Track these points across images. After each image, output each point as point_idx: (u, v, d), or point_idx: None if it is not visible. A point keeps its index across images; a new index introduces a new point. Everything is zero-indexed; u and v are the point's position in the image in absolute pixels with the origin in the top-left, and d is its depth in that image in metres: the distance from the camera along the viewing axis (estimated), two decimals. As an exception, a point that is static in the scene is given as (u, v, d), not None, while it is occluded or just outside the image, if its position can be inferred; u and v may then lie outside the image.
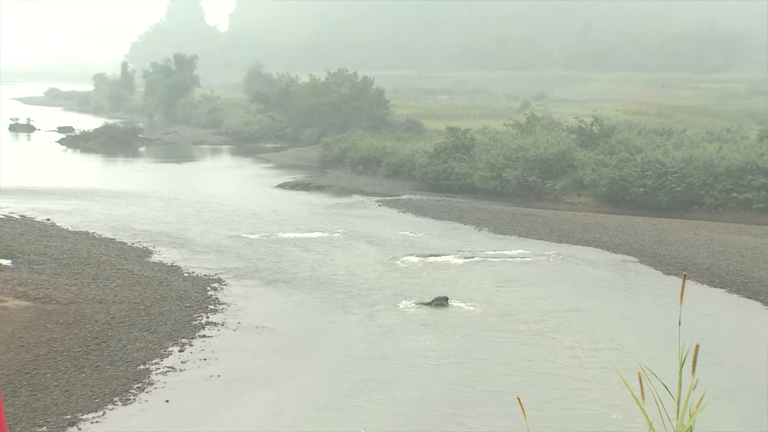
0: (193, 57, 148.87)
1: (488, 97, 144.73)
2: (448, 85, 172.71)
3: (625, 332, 32.80)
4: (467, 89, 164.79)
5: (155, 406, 25.55)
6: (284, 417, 24.58)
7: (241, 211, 59.14)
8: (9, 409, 24.07)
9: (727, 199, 60.93)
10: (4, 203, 58.34)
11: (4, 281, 36.33)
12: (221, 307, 35.97)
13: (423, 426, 24.10)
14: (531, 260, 46.17)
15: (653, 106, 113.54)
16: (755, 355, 30.09)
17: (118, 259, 43.57)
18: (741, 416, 23.17)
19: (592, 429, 22.71)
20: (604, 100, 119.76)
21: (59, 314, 32.97)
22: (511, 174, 68.53)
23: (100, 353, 29.41)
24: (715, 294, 38.81)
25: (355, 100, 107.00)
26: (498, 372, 28.59)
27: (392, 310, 36.26)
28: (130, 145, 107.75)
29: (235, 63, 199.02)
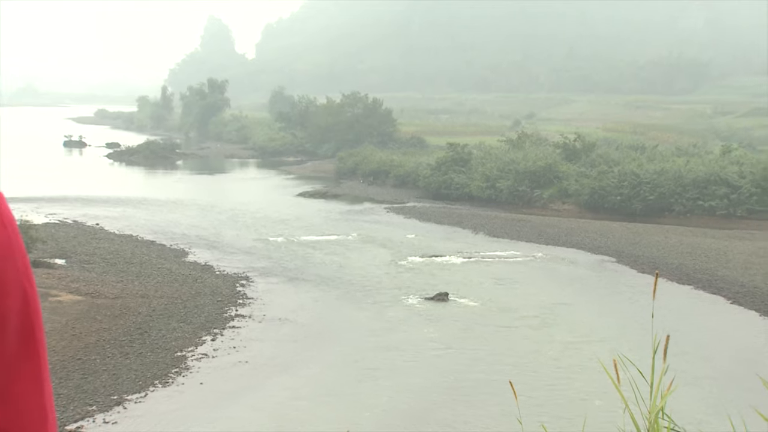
0: (224, 81, 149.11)
1: (483, 117, 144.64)
2: (448, 105, 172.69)
3: (604, 324, 32.82)
4: (465, 109, 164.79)
5: (191, 388, 25.66)
6: (300, 401, 24.64)
7: (267, 217, 59.16)
8: (63, 390, 24.18)
9: (694, 207, 61.05)
10: (60, 210, 58.57)
11: (59, 278, 36.48)
12: (248, 302, 36.05)
13: (422, 409, 24.12)
14: (521, 260, 46.18)
15: (629, 125, 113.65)
16: (719, 345, 30.09)
17: (158, 259, 43.68)
18: (706, 399, 23.18)
19: (577, 410, 22.70)
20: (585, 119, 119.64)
21: (107, 307, 33.10)
22: (503, 184, 68.56)
23: (143, 342, 29.55)
24: (683, 290, 38.80)
25: (366, 119, 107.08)
26: (492, 360, 28.61)
27: (399, 305, 36.30)
28: (168, 159, 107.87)
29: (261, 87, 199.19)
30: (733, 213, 59.94)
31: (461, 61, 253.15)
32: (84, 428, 22.38)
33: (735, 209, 60.10)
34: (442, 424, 23.09)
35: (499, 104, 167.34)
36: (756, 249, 48.66)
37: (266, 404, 24.49)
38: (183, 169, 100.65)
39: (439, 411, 23.89)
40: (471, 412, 23.71)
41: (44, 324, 1.23)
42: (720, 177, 61.54)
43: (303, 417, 23.46)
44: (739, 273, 42.55)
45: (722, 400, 23.18)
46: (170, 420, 23.24)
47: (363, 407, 23.41)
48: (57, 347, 27.21)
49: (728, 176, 61.45)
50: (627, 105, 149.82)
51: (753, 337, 32.09)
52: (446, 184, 72.36)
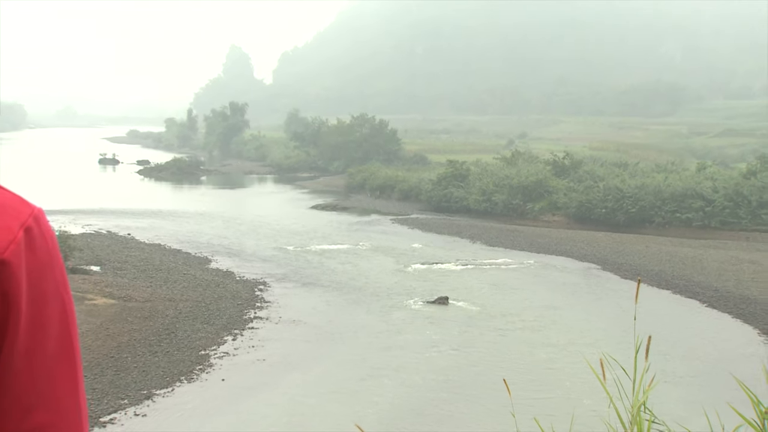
0: (244, 104, 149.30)
1: (480, 136, 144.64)
2: (448, 126, 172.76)
3: (591, 326, 32.77)
4: (463, 129, 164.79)
5: (213, 384, 25.70)
6: (311, 397, 24.63)
7: (283, 228, 59.20)
8: (98, 385, 24.24)
9: (672, 219, 61.06)
10: (95, 221, 58.67)
11: (94, 283, 36.54)
12: (266, 305, 36.06)
13: (423, 405, 24.10)
14: (515, 267, 46.14)
15: (613, 144, 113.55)
16: (695, 345, 30.05)
17: (184, 266, 43.72)
18: (684, 395, 23.14)
19: (566, 405, 22.66)
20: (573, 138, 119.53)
21: (137, 310, 33.14)
22: (499, 198, 68.59)
23: (170, 341, 29.59)
24: (663, 294, 38.78)
25: (373, 138, 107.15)
26: (488, 359, 28.60)
27: (403, 308, 36.29)
28: (194, 175, 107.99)
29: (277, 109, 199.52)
30: (708, 224, 59.96)
31: (460, 86, 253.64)
32: (117, 420, 22.42)
33: (709, 221, 60.13)
34: (442, 418, 23.07)
35: (494, 125, 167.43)
36: (728, 257, 48.62)
37: (281, 399, 24.59)
38: (207, 184, 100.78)
39: (439, 406, 23.87)
40: (468, 407, 23.70)
41: (81, 325, 1.27)
42: (696, 191, 61.66)
43: (313, 412, 23.48)
44: (713, 279, 42.52)
45: (699, 395, 23.13)
46: (195, 413, 23.28)
47: (368, 403, 23.39)
48: (92, 346, 27.29)
49: (703, 191, 61.53)
50: (611, 126, 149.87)
51: (726, 338, 32.05)
52: (446, 197, 72.40)
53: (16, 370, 1.13)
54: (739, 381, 4.57)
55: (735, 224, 59.61)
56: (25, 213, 1.17)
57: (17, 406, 1.14)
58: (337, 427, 21.44)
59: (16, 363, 1.13)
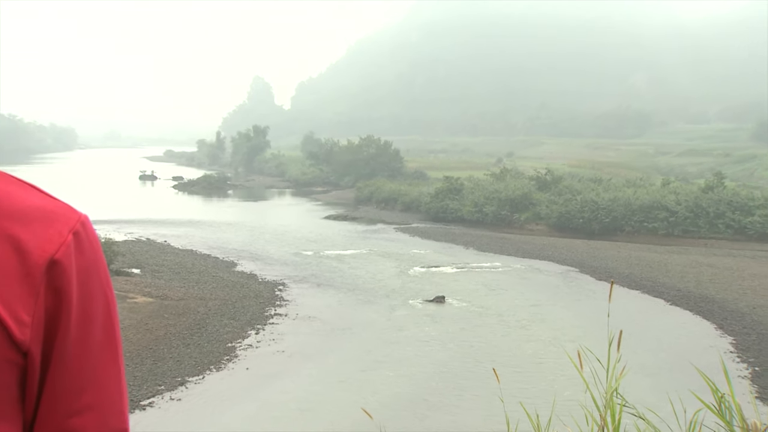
0: (266, 127, 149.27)
1: (473, 155, 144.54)
2: (444, 146, 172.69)
3: (570, 322, 32.74)
4: (458, 149, 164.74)
5: (239, 372, 25.72)
6: (322, 385, 24.66)
7: (299, 235, 59.20)
8: (138, 373, 24.29)
9: (641, 227, 60.98)
10: (135, 230, 58.75)
11: (135, 284, 36.62)
12: (285, 303, 36.07)
13: (420, 392, 24.09)
14: (503, 270, 46.10)
15: (589, 162, 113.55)
16: (661, 339, 30.00)
17: (213, 269, 43.76)
18: (651, 382, 23.06)
19: (548, 391, 22.61)
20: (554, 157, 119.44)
21: (172, 307, 33.18)
22: (489, 209, 68.52)
23: (201, 335, 29.61)
24: (632, 294, 38.72)
25: (378, 157, 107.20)
26: (479, 352, 28.57)
27: (404, 306, 36.28)
28: (222, 189, 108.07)
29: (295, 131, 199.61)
30: (672, 233, 59.89)
31: (454, 111, 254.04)
32: (155, 403, 22.46)
33: (673, 230, 60.07)
34: (437, 404, 23.04)
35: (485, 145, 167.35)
36: (689, 261, 48.59)
37: (297, 387, 24.61)
38: (233, 197, 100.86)
39: (435, 394, 23.85)
40: (460, 394, 23.68)
41: (123, 321, 1.30)
42: (661, 204, 61.62)
43: (324, 398, 23.46)
44: (676, 280, 42.49)
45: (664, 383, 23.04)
46: (222, 397, 23.29)
47: (371, 392, 23.36)
48: (133, 339, 27.32)
49: (667, 203, 61.48)
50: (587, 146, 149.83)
51: (688, 332, 32.01)
52: (443, 209, 72.34)
53: (68, 357, 1.16)
54: (699, 370, 4.56)
55: (695, 232, 59.61)
56: (74, 219, 1.19)
57: (70, 389, 1.17)
58: (344, 412, 21.43)
59: (69, 351, 1.16)
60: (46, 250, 1.14)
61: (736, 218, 59.49)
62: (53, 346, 1.15)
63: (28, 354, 1.13)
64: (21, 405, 1.15)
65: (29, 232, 1.14)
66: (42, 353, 1.14)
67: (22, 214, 1.15)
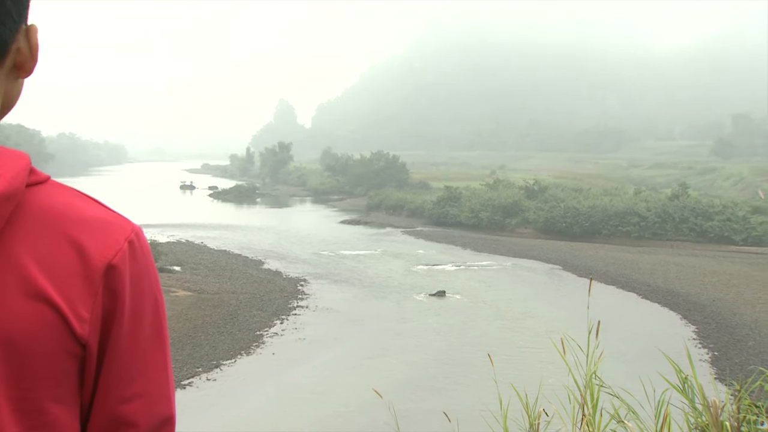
0: (289, 143, 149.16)
1: (470, 167, 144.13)
2: (445, 160, 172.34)
3: (554, 313, 32.68)
4: (457, 162, 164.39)
5: (266, 357, 25.76)
6: (336, 369, 24.66)
7: (318, 238, 59.23)
8: (179, 356, 24.47)
9: (616, 231, 60.85)
10: (176, 232, 58.87)
11: (176, 279, 36.69)
12: (306, 297, 36.09)
13: (421, 377, 24.10)
14: (497, 268, 46.07)
15: (571, 174, 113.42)
16: (633, 328, 29.94)
17: (243, 267, 43.80)
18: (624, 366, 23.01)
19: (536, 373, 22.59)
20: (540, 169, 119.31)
21: (208, 300, 33.24)
22: (484, 214, 68.46)
23: (233, 324, 29.65)
24: (609, 289, 38.65)
25: (387, 169, 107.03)
26: (474, 340, 28.55)
27: (410, 299, 36.28)
28: (251, 197, 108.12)
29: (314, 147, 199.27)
30: (643, 235, 59.77)
31: (454, 129, 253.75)
32: (194, 383, 22.53)
33: (643, 233, 59.98)
34: (436, 387, 23.06)
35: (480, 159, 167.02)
36: (658, 260, 48.49)
37: (315, 370, 24.65)
38: (261, 204, 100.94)
39: (434, 378, 23.83)
40: (457, 377, 23.66)
41: (167, 311, 1.31)
42: (633, 210, 61.57)
43: (337, 382, 23.47)
44: (646, 277, 42.44)
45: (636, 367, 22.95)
46: (252, 379, 23.35)
47: (378, 376, 23.30)
48: (175, 327, 27.39)
49: (639, 210, 61.45)
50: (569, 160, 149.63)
51: (657, 322, 31.97)
52: (444, 214, 72.25)
53: (121, 350, 1.18)
54: (666, 355, 4.59)
55: (663, 235, 59.52)
56: (129, 229, 1.21)
57: (123, 378, 1.19)
58: (353, 395, 21.43)
59: (121, 345, 1.18)
60: (105, 256, 1.16)
61: (698, 223, 59.46)
62: (108, 341, 1.17)
63: (87, 347, 1.15)
64: (79, 391, 1.18)
65: (91, 239, 1.16)
66: (98, 347, 1.17)
67: (86, 223, 1.17)
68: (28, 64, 1.21)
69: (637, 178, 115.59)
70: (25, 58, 1.20)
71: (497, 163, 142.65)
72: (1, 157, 1.12)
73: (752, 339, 29.00)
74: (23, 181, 1.12)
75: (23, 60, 1.20)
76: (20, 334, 1.09)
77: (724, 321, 31.99)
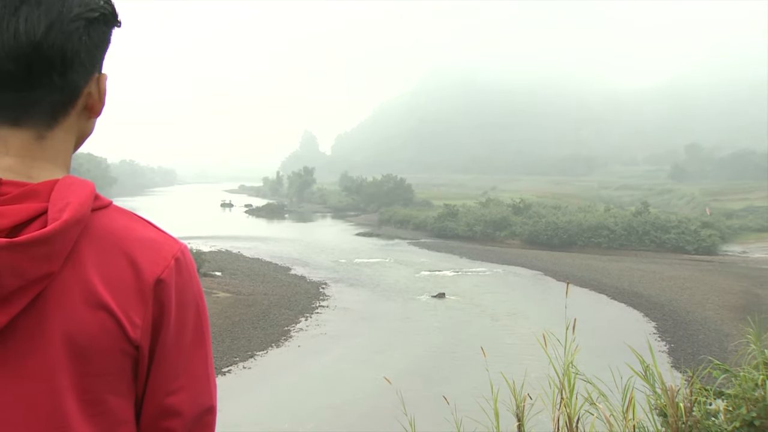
0: (313, 168, 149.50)
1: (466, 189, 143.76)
2: (445, 182, 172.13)
3: (537, 312, 32.59)
4: (455, 184, 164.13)
5: (293, 349, 25.74)
6: (350, 361, 24.60)
7: (337, 248, 59.27)
8: (219, 348, 24.45)
9: (589, 242, 60.70)
10: (217, 243, 58.97)
11: (217, 283, 36.73)
12: (326, 298, 36.08)
13: (422, 367, 24.04)
14: (489, 273, 45.98)
15: (551, 194, 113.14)
16: (604, 324, 29.78)
17: (273, 272, 43.83)
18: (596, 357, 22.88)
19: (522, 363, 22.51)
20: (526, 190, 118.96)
21: (244, 300, 33.26)
22: (477, 228, 68.38)
23: (265, 321, 29.66)
24: (583, 291, 38.48)
25: (396, 190, 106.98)
26: (470, 336, 28.45)
27: (414, 300, 36.23)
28: (280, 213, 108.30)
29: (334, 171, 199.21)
30: (611, 246, 59.62)
31: (452, 156, 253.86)
32: (232, 371, 22.53)
33: (612, 244, 59.86)
34: (434, 377, 23.00)
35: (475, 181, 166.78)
36: (624, 267, 48.32)
37: (333, 361, 24.61)
38: (288, 219, 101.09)
39: (435, 368, 23.78)
40: (452, 368, 23.59)
41: (209, 310, 1.32)
42: (603, 225, 61.50)
43: (350, 372, 23.42)
44: (614, 281, 42.28)
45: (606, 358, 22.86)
46: (281, 367, 23.34)
47: (384, 367, 23.23)
48: (216, 323, 27.42)
49: (608, 224, 61.38)
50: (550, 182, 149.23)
51: (623, 319, 31.85)
52: (444, 228, 72.12)
53: (167, 351, 1.21)
54: (632, 348, 4.61)
55: (628, 246, 59.39)
56: (176, 248, 1.24)
57: (168, 375, 1.22)
58: (361, 384, 21.36)
59: (168, 347, 1.21)
60: (155, 271, 1.19)
61: (658, 235, 59.42)
62: (156, 343, 1.20)
63: (139, 348, 1.18)
64: (134, 385, 1.21)
65: (144, 257, 1.19)
66: (149, 348, 1.20)
67: (140, 242, 1.20)
68: (97, 107, 1.27)
69: (607, 197, 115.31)
70: (95, 102, 1.26)
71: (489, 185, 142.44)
72: (70, 187, 1.15)
73: (702, 333, 28.96)
74: (89, 207, 1.15)
75: (93, 103, 1.26)
76: (84, 336, 1.13)
77: (679, 318, 31.92)
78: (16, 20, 1.10)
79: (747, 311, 29.61)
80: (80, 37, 1.16)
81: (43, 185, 1.15)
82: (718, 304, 34.96)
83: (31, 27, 1.11)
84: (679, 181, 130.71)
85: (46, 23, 1.12)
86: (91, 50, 1.19)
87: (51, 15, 1.12)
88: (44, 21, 1.12)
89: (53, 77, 1.15)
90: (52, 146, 1.21)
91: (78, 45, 1.16)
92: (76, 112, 1.23)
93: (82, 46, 1.16)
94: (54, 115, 1.20)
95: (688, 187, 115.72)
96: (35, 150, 1.19)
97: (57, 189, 1.14)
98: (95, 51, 1.20)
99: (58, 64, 1.14)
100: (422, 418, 4.62)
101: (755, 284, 41.06)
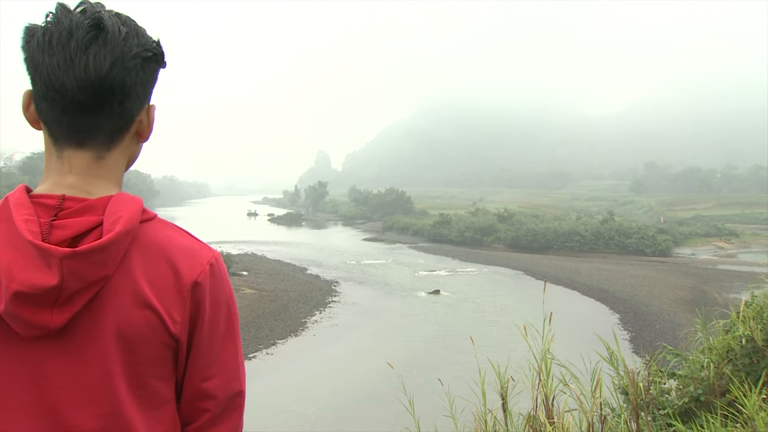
0: (326, 182, 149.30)
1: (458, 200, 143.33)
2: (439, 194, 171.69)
3: (519, 306, 32.51)
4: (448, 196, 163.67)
5: (309, 338, 25.63)
6: (358, 349, 24.48)
7: (347, 251, 59.20)
8: (246, 337, 24.38)
9: (563, 246, 60.47)
10: (244, 247, 58.75)
11: (244, 281, 36.68)
12: (337, 294, 35.98)
13: (418, 355, 23.94)
14: (477, 273, 45.88)
15: (531, 205, 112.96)
16: (576, 317, 29.65)
17: (292, 272, 43.74)
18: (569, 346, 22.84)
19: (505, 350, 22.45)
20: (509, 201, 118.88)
21: (267, 296, 33.20)
22: (468, 234, 68.17)
23: (285, 313, 29.58)
24: (558, 288, 38.33)
25: (397, 201, 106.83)
26: (461, 328, 28.40)
27: (413, 296, 36.14)
28: (298, 221, 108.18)
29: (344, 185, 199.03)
30: (582, 249, 59.40)
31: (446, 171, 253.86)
32: (257, 357, 22.46)
33: (583, 247, 59.62)
34: (430, 362, 22.92)
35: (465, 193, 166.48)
36: (593, 267, 48.15)
37: (343, 349, 24.49)
38: (305, 227, 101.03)
39: (429, 356, 23.62)
40: (446, 354, 23.47)
41: (238, 305, 1.35)
42: (575, 231, 61.28)
43: (358, 358, 23.37)
44: (585, 279, 42.13)
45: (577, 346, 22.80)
46: (298, 353, 23.27)
47: (385, 355, 23.12)
48: (243, 316, 27.40)
49: (579, 230, 61.21)
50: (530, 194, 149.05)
51: (592, 312, 31.73)
52: (439, 234, 71.94)
53: (202, 344, 1.23)
54: (599, 336, 4.62)
55: (597, 249, 59.17)
56: (210, 255, 1.26)
57: (203, 363, 1.24)
58: (364, 371, 21.27)
59: (203, 340, 1.23)
60: (192, 275, 1.21)
61: (621, 240, 59.24)
62: (193, 337, 1.23)
63: (179, 341, 1.21)
64: (174, 372, 1.24)
65: (183, 262, 1.21)
66: (187, 341, 1.22)
67: (180, 250, 1.22)
68: (146, 133, 1.31)
69: (578, 207, 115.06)
70: (144, 128, 1.29)
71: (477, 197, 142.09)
72: (123, 202, 1.18)
73: (658, 323, 28.87)
74: (137, 220, 1.19)
75: (143, 129, 1.29)
76: (132, 331, 1.16)
77: (639, 311, 31.80)
78: (86, 57, 1.13)
79: (695, 304, 29.53)
80: (137, 72, 1.19)
81: (100, 201, 1.18)
82: (672, 298, 34.85)
83: (99, 63, 1.14)
84: (639, 194, 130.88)
85: (111, 60, 1.15)
86: (145, 84, 1.22)
87: (115, 53, 1.15)
88: (109, 58, 1.15)
89: (114, 106, 1.18)
90: (108, 166, 1.24)
91: (135, 79, 1.19)
92: (129, 137, 1.26)
93: (138, 80, 1.20)
94: (111, 139, 1.22)
95: (646, 198, 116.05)
96: (94, 169, 1.22)
97: (111, 204, 1.18)
98: (147, 85, 1.23)
99: (118, 94, 1.17)
100: (420, 398, 4.63)
101: (702, 281, 41.00)
